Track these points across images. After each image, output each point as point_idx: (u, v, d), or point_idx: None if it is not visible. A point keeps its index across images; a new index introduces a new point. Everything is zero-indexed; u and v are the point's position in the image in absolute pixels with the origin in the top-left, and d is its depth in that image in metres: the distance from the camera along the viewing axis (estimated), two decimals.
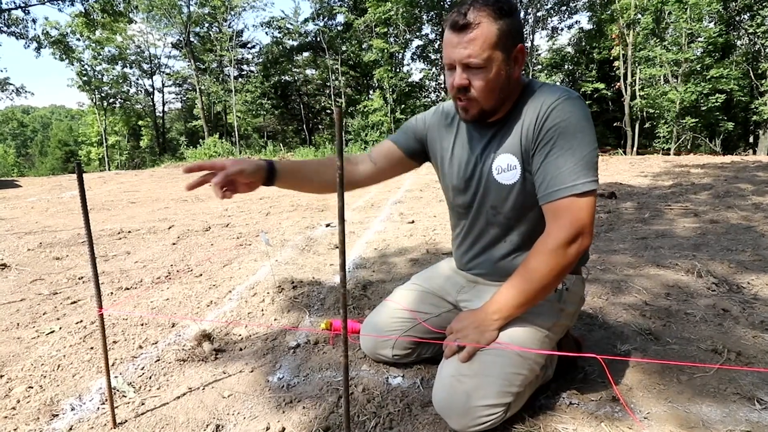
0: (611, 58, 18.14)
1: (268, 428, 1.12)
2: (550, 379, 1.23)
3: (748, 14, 16.13)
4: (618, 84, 17.78)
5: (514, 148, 1.07)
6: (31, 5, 16.15)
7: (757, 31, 15.20)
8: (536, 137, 1.03)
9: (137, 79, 26.91)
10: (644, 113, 17.38)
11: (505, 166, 1.09)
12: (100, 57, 23.67)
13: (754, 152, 16.16)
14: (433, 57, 22.42)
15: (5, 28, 16.16)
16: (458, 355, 1.06)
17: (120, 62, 24.85)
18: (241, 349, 1.54)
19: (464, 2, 1.01)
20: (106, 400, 1.21)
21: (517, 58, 1.03)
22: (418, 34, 21.62)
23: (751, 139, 17.97)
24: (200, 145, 17.86)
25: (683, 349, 1.45)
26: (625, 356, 1.41)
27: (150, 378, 1.37)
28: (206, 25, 23.55)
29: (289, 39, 23.46)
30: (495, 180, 1.11)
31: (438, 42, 22.24)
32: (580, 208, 0.98)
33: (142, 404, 1.24)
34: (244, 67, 25.36)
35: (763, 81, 15.45)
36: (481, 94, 1.02)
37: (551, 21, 22.61)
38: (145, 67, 26.62)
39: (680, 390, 1.22)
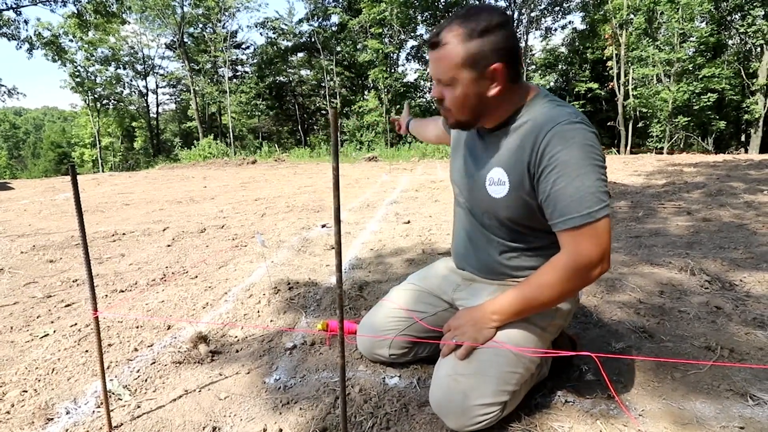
0: (604, 58, 18.28)
1: (265, 430, 1.11)
2: (545, 377, 1.24)
3: (739, 14, 16.30)
4: (611, 84, 17.92)
5: (506, 164, 1.06)
6: (22, 6, 16.02)
7: (748, 30, 15.36)
8: (538, 162, 1.00)
9: (131, 80, 26.77)
10: (637, 113, 17.51)
11: (496, 180, 1.09)
12: (93, 58, 23.50)
13: (746, 151, 16.31)
14: (428, 57, 22.42)
15: None
16: (455, 352, 1.07)
17: (113, 63, 24.68)
18: (237, 351, 1.53)
19: (446, 19, 1.03)
20: (102, 403, 1.20)
21: (492, 76, 1.00)
22: (412, 34, 21.63)
23: (742, 138, 18.15)
24: (195, 146, 17.77)
25: (677, 346, 1.46)
26: (619, 354, 1.42)
27: (146, 381, 1.36)
28: (200, 25, 23.44)
29: (283, 40, 23.41)
30: (487, 190, 1.12)
31: None
32: (599, 234, 0.96)
33: (138, 407, 1.23)
34: (239, 67, 25.28)
35: (754, 80, 15.62)
36: (453, 108, 1.07)
37: (545, 21, 22.75)
38: (139, 68, 26.47)
39: (674, 387, 1.23)
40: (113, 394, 1.29)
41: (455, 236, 1.35)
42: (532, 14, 22.08)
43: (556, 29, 24.52)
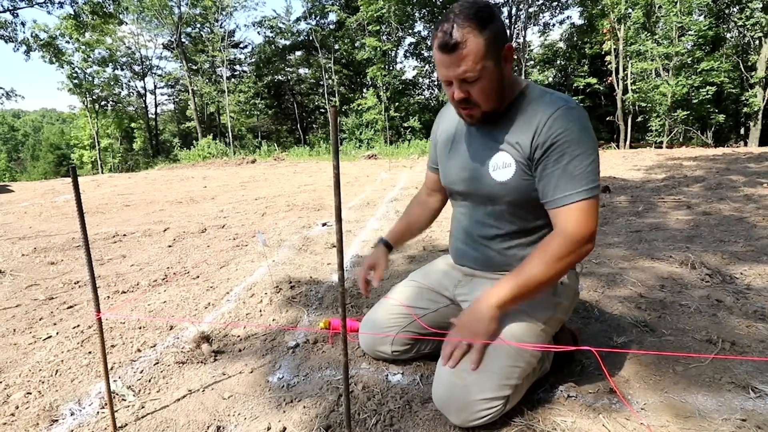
0: (603, 52, 18.22)
1: (269, 428, 1.12)
2: (547, 372, 1.24)
3: (737, 7, 16.26)
4: (610, 78, 17.88)
5: (509, 148, 1.10)
6: (19, 8, 15.97)
7: (746, 23, 15.33)
8: (539, 145, 1.05)
9: (129, 81, 26.69)
10: (636, 107, 17.48)
11: (501, 164, 1.12)
12: (91, 59, 23.42)
13: (745, 144, 16.30)
14: (426, 54, 22.39)
15: None
16: (470, 358, 1.06)
17: (111, 64, 24.59)
18: (240, 350, 1.54)
19: (446, 19, 1.00)
20: (106, 404, 1.21)
21: (506, 57, 1.05)
22: (410, 31, 21.58)
23: (742, 131, 18.13)
24: (194, 147, 17.77)
25: (678, 340, 1.47)
26: (621, 348, 1.42)
27: (149, 381, 1.37)
28: (198, 25, 23.36)
29: (281, 38, 23.35)
30: (491, 176, 1.13)
31: (431, 39, 22.19)
32: (592, 211, 1.04)
33: (142, 407, 1.24)
34: (237, 67, 25.21)
35: (752, 73, 15.60)
36: (482, 100, 1.07)
37: (543, 17, 22.70)
38: (137, 68, 26.40)
39: (676, 380, 1.24)
40: (117, 394, 1.29)
41: (453, 234, 1.35)
42: (530, 10, 22.03)
43: (554, 24, 24.34)
